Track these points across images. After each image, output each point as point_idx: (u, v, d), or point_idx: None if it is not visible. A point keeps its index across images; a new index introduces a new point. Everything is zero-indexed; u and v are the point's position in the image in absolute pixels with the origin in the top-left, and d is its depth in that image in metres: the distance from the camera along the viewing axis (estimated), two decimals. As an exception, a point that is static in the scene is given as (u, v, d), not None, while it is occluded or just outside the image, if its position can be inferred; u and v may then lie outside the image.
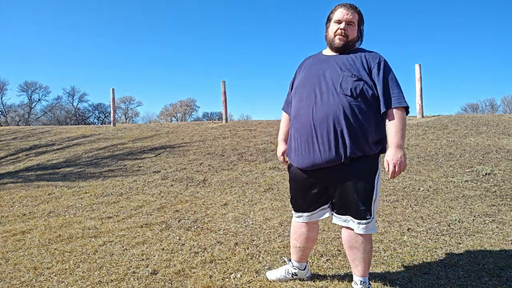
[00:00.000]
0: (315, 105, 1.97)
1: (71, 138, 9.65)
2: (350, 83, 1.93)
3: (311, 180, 2.05)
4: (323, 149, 1.93)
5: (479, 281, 2.27)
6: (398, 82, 1.97)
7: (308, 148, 1.98)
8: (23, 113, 44.72)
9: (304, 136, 1.99)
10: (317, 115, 1.95)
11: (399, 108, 1.91)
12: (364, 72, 1.96)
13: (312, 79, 2.05)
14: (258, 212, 3.76)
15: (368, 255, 2.03)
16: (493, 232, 3.03)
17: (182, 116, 50.51)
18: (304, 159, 2.01)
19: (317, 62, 2.13)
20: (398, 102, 1.91)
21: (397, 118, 1.90)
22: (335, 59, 2.05)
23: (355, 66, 1.98)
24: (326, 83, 1.98)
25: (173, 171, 5.66)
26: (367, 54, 2.02)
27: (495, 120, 7.36)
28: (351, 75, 1.95)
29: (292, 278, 2.34)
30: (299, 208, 2.16)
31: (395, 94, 1.93)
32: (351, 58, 2.02)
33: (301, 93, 2.07)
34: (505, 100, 43.08)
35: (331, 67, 2.02)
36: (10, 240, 3.29)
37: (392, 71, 1.99)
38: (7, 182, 5.95)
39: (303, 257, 2.30)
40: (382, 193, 4.12)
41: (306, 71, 2.14)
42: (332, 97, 1.93)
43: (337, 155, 1.91)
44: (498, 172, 4.51)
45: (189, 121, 22.64)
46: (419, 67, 8.36)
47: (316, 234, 2.25)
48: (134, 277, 2.45)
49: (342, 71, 1.97)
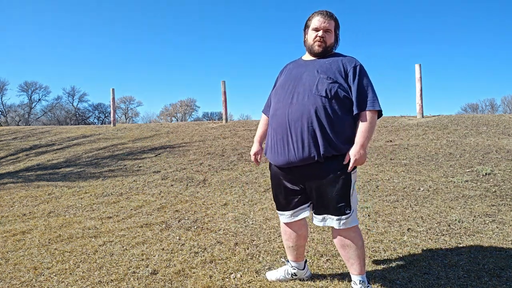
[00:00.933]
0: (291, 105, 2.05)
1: (71, 138, 9.65)
2: (326, 85, 2.01)
3: (289, 177, 2.11)
4: (297, 148, 2.00)
5: (479, 281, 2.27)
6: (373, 86, 2.07)
7: (283, 146, 2.05)
8: (23, 113, 44.73)
9: (280, 135, 2.07)
10: (292, 115, 2.02)
11: (371, 111, 2.01)
12: (340, 76, 2.04)
13: (290, 82, 2.14)
14: (258, 212, 3.76)
15: (361, 251, 2.07)
16: (493, 232, 3.02)
17: (182, 116, 50.52)
18: (279, 157, 2.07)
19: (296, 66, 2.22)
20: (371, 105, 2.01)
21: (367, 120, 2.01)
22: (314, 63, 2.14)
23: (332, 69, 2.06)
24: (303, 85, 2.07)
25: (173, 171, 5.66)
26: (344, 59, 2.11)
27: (495, 120, 7.36)
28: (326, 77, 2.03)
29: (292, 278, 2.35)
30: (280, 206, 2.22)
31: (369, 98, 2.02)
32: (329, 62, 2.11)
33: (279, 94, 2.16)
34: (505, 100, 43.10)
35: (309, 71, 2.11)
36: (10, 240, 3.29)
37: (367, 76, 2.08)
38: (7, 182, 5.95)
39: (299, 256, 2.32)
40: (382, 193, 4.12)
41: (286, 74, 2.24)
42: (307, 98, 2.02)
43: (310, 154, 1.98)
44: (498, 172, 4.51)
45: (189, 121, 22.64)
46: (419, 67, 8.36)
47: (305, 231, 2.28)
48: (134, 277, 2.45)
49: (318, 73, 2.06)
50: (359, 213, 3.54)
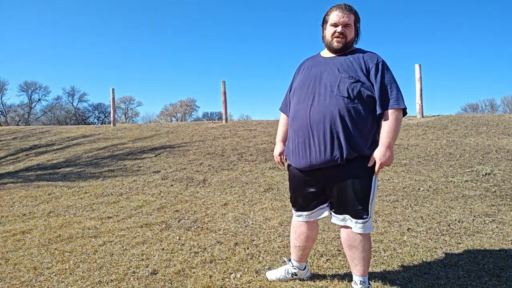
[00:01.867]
0: (311, 106, 1.99)
1: (71, 138, 9.65)
2: (347, 85, 1.94)
3: (309, 179, 2.07)
4: (319, 150, 1.95)
5: (479, 281, 2.26)
6: (397, 83, 1.98)
7: (305, 149, 2.00)
8: (23, 113, 44.72)
9: (301, 138, 2.02)
10: (314, 117, 1.97)
11: (395, 109, 1.94)
12: (362, 74, 1.97)
13: (310, 81, 2.07)
14: (258, 212, 3.76)
15: (367, 254, 2.04)
16: (493, 232, 3.02)
17: (182, 116, 50.52)
18: (301, 160, 2.03)
19: (315, 64, 2.14)
20: (395, 103, 1.94)
21: (391, 119, 1.94)
22: (333, 61, 2.06)
23: (353, 67, 1.98)
24: (324, 85, 2.00)
25: (173, 171, 5.66)
26: (366, 55, 2.03)
27: (495, 120, 7.36)
28: (348, 76, 1.96)
29: (292, 278, 2.35)
30: (299, 207, 2.18)
31: (393, 95, 1.94)
32: (349, 59, 2.03)
33: (299, 95, 2.09)
34: (505, 100, 43.11)
35: (329, 69, 2.03)
36: (10, 240, 3.29)
37: (390, 72, 1.99)
38: (7, 182, 5.95)
39: (303, 257, 2.31)
40: (382, 193, 4.12)
41: (304, 73, 2.16)
42: (329, 99, 1.95)
43: (332, 156, 1.93)
44: (498, 172, 4.51)
45: (189, 121, 22.64)
46: (419, 67, 8.36)
47: (315, 234, 2.26)
48: (134, 277, 2.45)
49: (339, 73, 1.99)
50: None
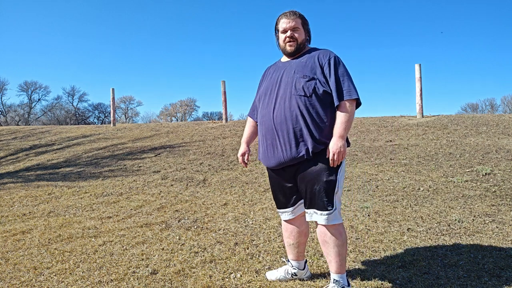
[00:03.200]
0: (274, 110, 2.12)
1: (71, 138, 9.65)
2: (303, 84, 2.06)
3: (283, 176, 2.18)
4: (286, 149, 2.07)
5: (479, 281, 2.26)
6: (349, 75, 2.08)
7: (273, 149, 2.13)
8: (23, 113, 44.72)
9: (269, 140, 2.14)
10: (277, 119, 2.09)
11: (348, 100, 2.03)
12: (318, 70, 2.08)
13: (271, 86, 2.20)
14: (258, 212, 3.76)
15: (340, 250, 2.07)
16: (493, 232, 3.02)
17: (182, 116, 50.52)
18: (271, 160, 2.16)
19: (276, 69, 2.28)
20: (348, 94, 2.03)
21: (344, 110, 2.03)
22: (290, 64, 2.19)
23: (308, 67, 2.11)
24: (283, 88, 2.13)
25: (173, 171, 5.66)
26: (319, 53, 2.15)
27: (495, 120, 7.36)
28: (303, 76, 2.08)
29: (292, 278, 2.35)
30: (281, 204, 2.27)
31: (345, 87, 2.04)
32: (303, 60, 2.16)
33: (263, 101, 2.23)
34: (505, 100, 43.12)
35: (287, 72, 2.17)
36: (10, 240, 3.29)
37: (342, 66, 2.10)
38: (7, 182, 5.95)
39: (300, 254, 2.34)
40: (382, 193, 4.12)
41: (267, 79, 2.29)
42: (288, 100, 2.08)
43: (298, 152, 2.05)
44: (498, 172, 4.51)
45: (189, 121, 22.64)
46: (419, 67, 8.36)
47: (306, 228, 2.30)
48: (134, 277, 2.45)
49: (295, 73, 2.12)
50: (359, 213, 3.54)
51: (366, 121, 8.38)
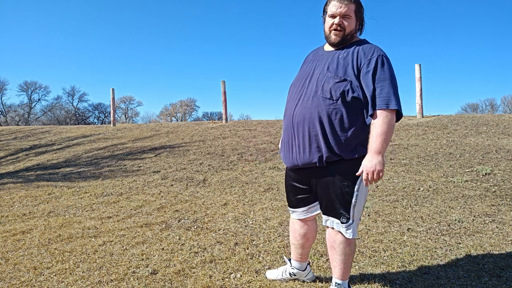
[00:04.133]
0: (296, 107, 1.95)
1: (71, 138, 9.65)
2: (331, 85, 1.85)
3: (298, 177, 2.06)
4: (299, 152, 1.93)
5: (479, 281, 2.26)
6: (393, 80, 1.81)
7: (289, 149, 2.00)
8: (23, 113, 44.72)
9: (287, 137, 2.01)
10: (296, 118, 1.93)
11: (384, 110, 1.77)
12: (352, 71, 1.84)
13: (301, 79, 2.03)
14: (258, 212, 3.76)
15: (347, 258, 1.97)
16: (493, 232, 3.02)
17: (182, 116, 50.51)
18: (286, 159, 2.04)
19: (313, 59, 2.08)
20: (384, 103, 1.77)
21: (379, 121, 1.77)
22: (328, 56, 1.97)
23: (344, 65, 1.87)
24: (312, 84, 1.94)
25: (173, 171, 5.66)
26: (362, 49, 1.88)
27: (495, 120, 7.36)
28: (334, 76, 1.86)
29: (290, 278, 2.33)
30: (291, 204, 2.18)
31: (383, 94, 1.78)
32: (343, 55, 1.91)
33: (290, 93, 2.06)
34: (505, 100, 43.09)
35: (321, 66, 1.96)
36: (10, 240, 3.29)
37: (386, 68, 1.82)
38: (7, 182, 5.95)
39: (302, 256, 2.26)
40: (382, 193, 4.12)
41: (302, 68, 2.12)
42: (311, 100, 1.89)
43: (311, 158, 1.90)
44: (498, 172, 4.51)
45: (189, 121, 22.64)
46: (419, 67, 8.36)
47: (312, 232, 2.20)
48: (134, 277, 2.45)
49: (327, 71, 1.90)
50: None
51: (366, 121, 8.37)
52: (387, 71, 1.81)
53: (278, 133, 7.79)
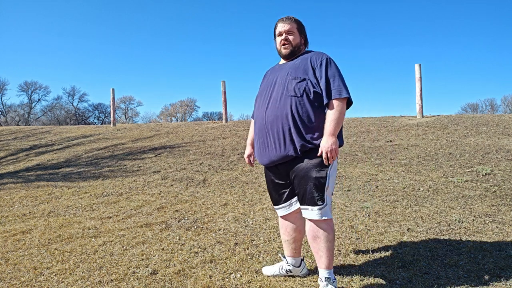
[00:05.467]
0: (267, 110, 2.20)
1: (71, 138, 9.65)
2: (294, 85, 2.14)
3: (276, 174, 2.26)
4: (276, 147, 2.14)
5: (479, 281, 2.26)
6: (340, 75, 2.14)
7: (265, 148, 2.21)
8: (23, 113, 44.73)
9: (261, 139, 2.23)
10: (268, 118, 2.17)
11: (337, 99, 2.08)
12: (310, 72, 2.15)
13: (267, 88, 2.29)
14: (258, 212, 3.76)
15: (331, 245, 2.13)
16: (493, 232, 3.02)
17: (182, 116, 50.52)
18: (263, 158, 2.24)
19: (272, 72, 2.36)
20: (337, 93, 2.08)
21: (333, 109, 2.08)
22: (286, 66, 2.27)
23: (300, 68, 2.18)
24: (276, 89, 2.21)
25: (173, 171, 5.66)
26: (312, 55, 2.22)
27: (495, 120, 7.36)
28: (295, 77, 2.16)
29: (286, 275, 2.39)
30: (274, 201, 2.35)
31: (335, 86, 2.10)
32: (297, 62, 2.23)
33: (258, 101, 2.33)
34: (505, 100, 43.12)
35: (282, 74, 2.25)
36: (10, 240, 3.29)
37: (334, 66, 2.16)
38: (7, 182, 5.95)
39: (295, 251, 2.37)
40: (382, 193, 4.12)
41: (264, 81, 2.39)
42: (279, 100, 2.16)
43: (287, 151, 2.11)
44: (498, 172, 4.51)
45: (189, 121, 22.63)
46: (419, 67, 8.36)
47: (301, 224, 2.33)
48: (134, 277, 2.45)
49: (288, 75, 2.19)
50: (359, 213, 3.54)
51: (366, 121, 8.38)
52: (335, 69, 2.16)
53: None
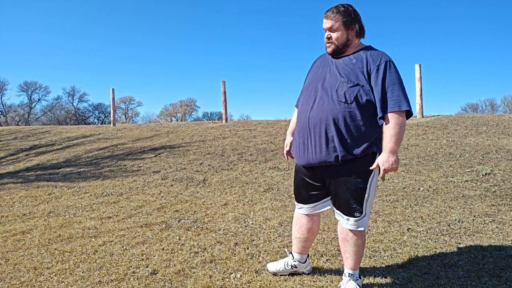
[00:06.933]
0: (311, 110, 2.07)
1: (71, 138, 9.65)
2: (345, 89, 1.98)
3: (311, 174, 2.17)
4: (315, 152, 2.05)
5: (479, 281, 2.26)
6: (401, 83, 1.96)
7: (304, 149, 2.11)
8: (23, 113, 44.73)
9: (302, 138, 2.13)
10: (312, 120, 2.06)
11: (396, 112, 1.92)
12: (362, 76, 1.98)
13: (314, 83, 2.15)
14: (258, 212, 3.76)
15: (359, 249, 2.10)
16: (493, 232, 3.02)
17: (182, 116, 50.51)
18: (301, 158, 2.15)
19: (323, 64, 2.20)
20: (396, 105, 1.92)
21: (391, 123, 1.92)
22: (338, 62, 2.10)
23: (354, 70, 2.01)
24: (325, 89, 2.06)
25: (173, 171, 5.66)
26: (369, 56, 2.02)
27: (495, 120, 7.36)
28: (347, 81, 2.00)
29: (292, 270, 2.39)
30: (300, 199, 2.27)
31: (394, 97, 1.92)
32: (352, 62, 2.04)
33: (304, 97, 2.19)
34: (505, 100, 43.12)
35: (332, 71, 2.09)
36: (10, 240, 3.29)
37: (394, 73, 1.97)
38: (7, 182, 5.95)
39: (304, 249, 2.37)
40: (382, 193, 4.12)
41: (313, 73, 2.24)
42: (327, 103, 2.02)
43: (327, 158, 2.02)
44: (498, 172, 4.51)
45: (189, 121, 22.63)
46: (419, 67, 8.36)
47: (317, 226, 2.32)
48: (134, 277, 2.45)
49: (340, 76, 2.03)
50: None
51: (366, 121, 8.37)
52: (395, 76, 1.96)
53: (278, 133, 7.79)
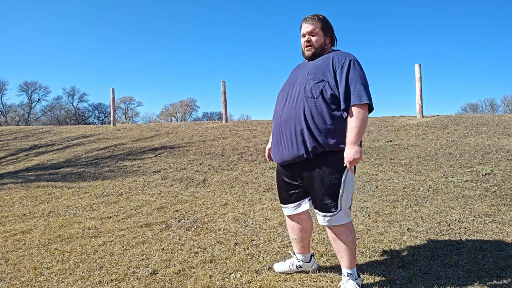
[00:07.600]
0: (283, 108, 2.19)
1: (71, 138, 9.65)
2: (312, 85, 2.10)
3: (289, 174, 2.24)
4: (288, 147, 2.14)
5: (479, 281, 2.26)
6: (363, 79, 2.06)
7: (278, 146, 2.21)
8: (23, 113, 44.72)
9: (276, 136, 2.23)
10: (283, 117, 2.17)
11: (357, 105, 2.01)
12: (329, 73, 2.09)
13: (287, 86, 2.28)
14: (258, 212, 3.76)
15: (351, 246, 2.14)
16: (493, 232, 3.02)
17: (182, 116, 50.51)
18: (276, 156, 2.25)
19: (296, 69, 2.35)
20: (358, 99, 2.01)
21: (353, 116, 2.01)
22: (309, 65, 2.24)
23: (321, 69, 2.13)
24: (295, 88, 2.19)
25: (173, 171, 5.66)
26: (335, 55, 2.14)
27: (495, 120, 7.36)
28: (313, 78, 2.11)
29: (297, 271, 2.41)
30: (282, 200, 2.35)
31: (356, 91, 2.02)
32: (319, 62, 2.18)
33: (278, 99, 2.32)
34: (505, 100, 43.13)
35: (302, 73, 2.21)
36: (10, 240, 3.29)
37: (357, 70, 2.07)
38: (7, 182, 5.95)
39: (304, 248, 2.39)
40: (382, 193, 4.12)
41: (288, 79, 2.37)
42: (296, 100, 2.13)
43: (299, 151, 2.09)
44: (498, 172, 4.51)
45: (189, 121, 22.63)
46: (419, 67, 8.36)
47: (308, 225, 2.35)
48: (134, 277, 2.45)
49: (308, 75, 2.16)
50: (359, 213, 3.54)
51: (366, 121, 8.37)
52: (358, 72, 2.07)
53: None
